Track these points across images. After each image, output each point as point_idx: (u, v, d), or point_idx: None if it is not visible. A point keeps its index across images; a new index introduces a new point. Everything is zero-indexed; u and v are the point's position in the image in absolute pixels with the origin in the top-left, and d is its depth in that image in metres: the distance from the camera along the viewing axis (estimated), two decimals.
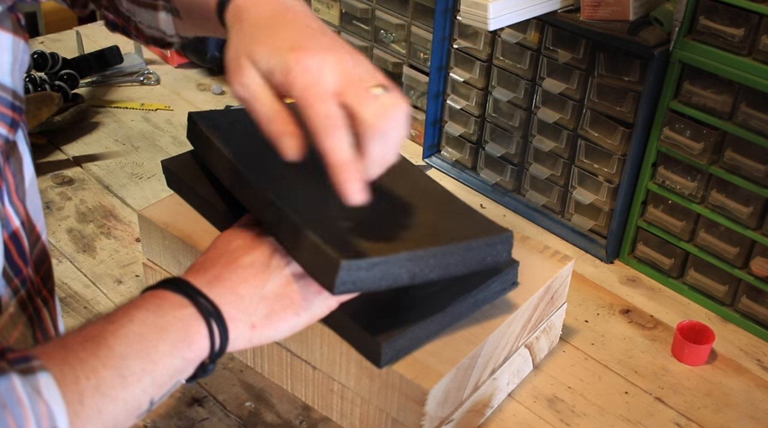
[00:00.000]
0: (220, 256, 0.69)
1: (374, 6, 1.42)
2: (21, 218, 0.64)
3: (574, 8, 1.11)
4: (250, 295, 0.66)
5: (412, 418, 0.81)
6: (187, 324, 0.61)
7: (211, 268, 0.67)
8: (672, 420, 0.94)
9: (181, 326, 0.61)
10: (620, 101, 1.10)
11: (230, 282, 0.66)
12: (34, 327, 0.68)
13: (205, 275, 0.66)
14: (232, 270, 0.67)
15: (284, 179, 0.78)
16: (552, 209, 1.27)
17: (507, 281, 0.88)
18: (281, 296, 0.68)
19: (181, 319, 0.61)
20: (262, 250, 0.70)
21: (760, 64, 0.95)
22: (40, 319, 0.69)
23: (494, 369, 0.90)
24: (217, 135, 0.87)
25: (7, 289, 0.63)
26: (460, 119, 1.35)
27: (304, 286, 0.70)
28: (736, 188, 1.03)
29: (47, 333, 0.70)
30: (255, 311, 0.66)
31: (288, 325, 0.68)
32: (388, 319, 0.79)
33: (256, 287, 0.67)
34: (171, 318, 0.61)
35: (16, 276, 0.64)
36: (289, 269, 0.70)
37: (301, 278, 0.70)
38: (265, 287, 0.68)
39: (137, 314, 0.60)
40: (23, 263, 0.65)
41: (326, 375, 0.87)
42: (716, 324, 1.09)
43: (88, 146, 1.40)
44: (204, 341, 0.62)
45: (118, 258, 1.15)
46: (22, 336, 0.66)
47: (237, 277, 0.67)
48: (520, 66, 1.21)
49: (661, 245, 1.14)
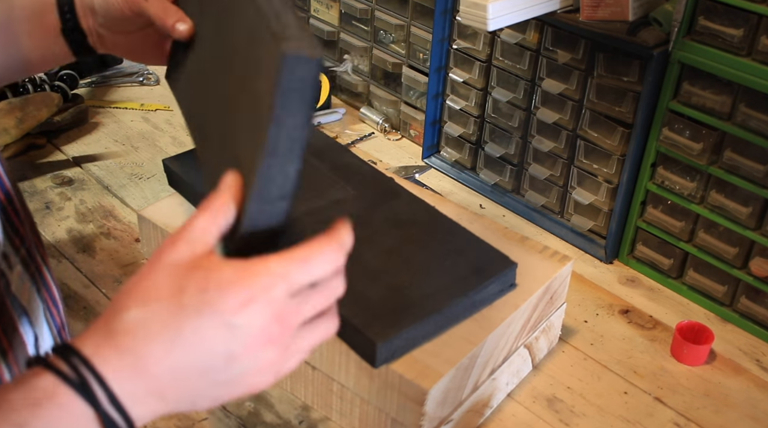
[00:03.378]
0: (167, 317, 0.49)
1: (374, 6, 1.42)
2: (9, 178, 0.65)
3: (573, 9, 1.11)
4: (191, 395, 0.50)
5: (412, 418, 0.81)
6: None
7: (155, 346, 0.48)
8: (671, 420, 0.94)
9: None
10: (619, 102, 1.10)
11: (170, 384, 0.49)
12: (38, 285, 0.68)
13: (140, 362, 0.48)
14: (182, 367, 0.49)
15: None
16: (551, 210, 1.27)
17: (505, 282, 0.89)
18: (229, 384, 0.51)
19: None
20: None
21: (759, 64, 0.95)
22: (42, 277, 0.69)
23: (493, 369, 0.90)
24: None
25: (11, 248, 0.63)
26: (459, 119, 1.35)
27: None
28: (736, 189, 1.03)
29: (51, 291, 0.70)
30: (184, 406, 0.51)
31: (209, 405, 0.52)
32: (384, 319, 0.79)
33: (208, 384, 0.50)
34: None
35: (15, 235, 0.64)
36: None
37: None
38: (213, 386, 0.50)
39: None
40: (19, 223, 0.65)
41: (326, 375, 0.87)
42: (715, 324, 1.09)
43: (88, 146, 1.40)
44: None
45: (118, 258, 1.15)
46: (31, 292, 0.66)
47: (184, 377, 0.49)
48: (519, 66, 1.21)
49: (660, 246, 1.15)
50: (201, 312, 0.48)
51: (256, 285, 0.49)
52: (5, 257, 0.62)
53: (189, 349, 0.48)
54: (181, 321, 0.48)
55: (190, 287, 0.49)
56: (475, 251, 0.90)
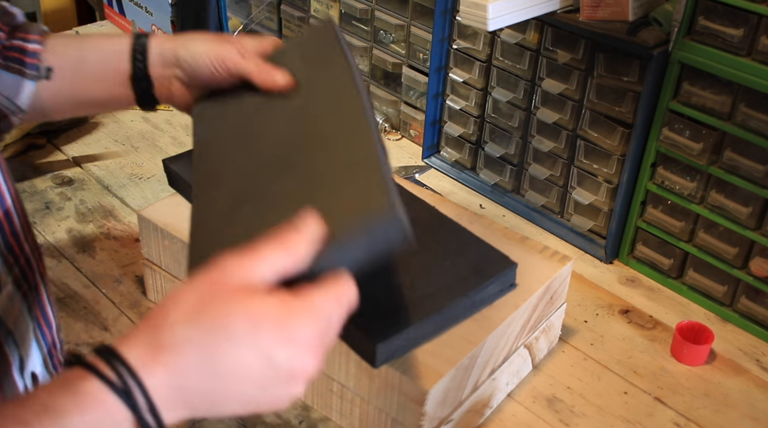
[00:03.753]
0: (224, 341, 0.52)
1: (374, 6, 1.42)
2: (12, 196, 0.65)
3: (573, 8, 1.11)
4: (218, 411, 0.53)
5: (412, 418, 0.81)
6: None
7: (201, 369, 0.51)
8: (671, 420, 0.94)
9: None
10: (619, 102, 1.10)
11: (203, 403, 0.52)
12: (30, 305, 0.68)
13: (184, 382, 0.51)
14: (220, 392, 0.52)
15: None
16: (551, 210, 1.27)
17: (505, 282, 0.89)
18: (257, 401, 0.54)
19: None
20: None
21: (760, 64, 0.95)
22: (38, 297, 0.69)
23: (493, 369, 0.90)
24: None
25: (4, 267, 0.63)
26: (459, 119, 1.35)
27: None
28: (736, 189, 1.03)
29: (45, 310, 0.70)
30: (202, 412, 0.53)
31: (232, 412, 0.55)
32: (384, 319, 0.79)
33: (237, 405, 0.53)
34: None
35: (9, 254, 0.64)
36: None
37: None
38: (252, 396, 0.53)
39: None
40: (15, 242, 0.65)
41: (326, 374, 0.87)
42: (715, 324, 1.09)
43: (88, 146, 1.40)
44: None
45: (118, 258, 1.15)
46: (21, 313, 0.66)
47: (219, 400, 0.52)
48: (519, 66, 1.21)
49: (660, 246, 1.15)
50: (247, 344, 0.51)
51: (300, 324, 0.53)
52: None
53: (229, 376, 0.51)
54: (227, 350, 0.51)
55: (241, 320, 0.52)
56: (475, 251, 0.90)
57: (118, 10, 1.76)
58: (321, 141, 0.70)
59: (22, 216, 0.67)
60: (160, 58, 0.83)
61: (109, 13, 1.81)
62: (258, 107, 0.81)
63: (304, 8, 1.56)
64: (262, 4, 1.65)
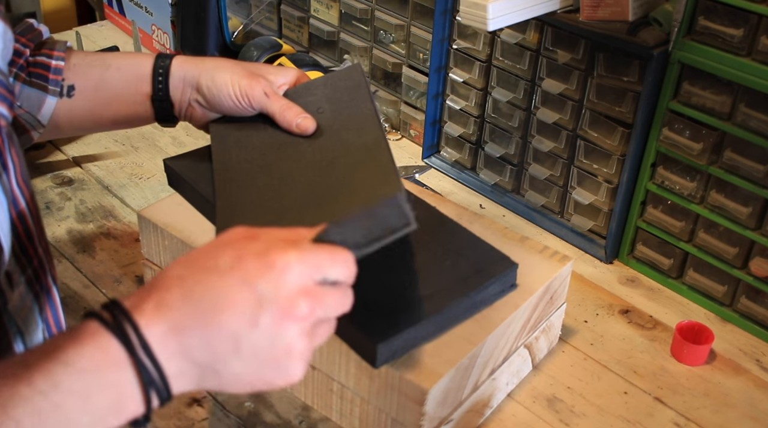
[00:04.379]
0: (212, 276, 0.53)
1: (374, 6, 1.42)
2: (26, 199, 0.65)
3: (573, 8, 1.11)
4: (215, 360, 0.53)
5: (412, 418, 0.81)
6: (121, 391, 0.51)
7: (187, 303, 0.52)
8: (671, 420, 0.94)
9: (114, 393, 0.50)
10: (619, 102, 1.10)
11: (197, 343, 0.52)
12: (42, 306, 0.69)
13: (172, 315, 0.51)
14: (209, 324, 0.51)
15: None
16: (551, 210, 1.27)
17: (506, 283, 0.89)
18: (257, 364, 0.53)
19: (116, 385, 0.50)
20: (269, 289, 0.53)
21: (760, 64, 0.95)
22: (50, 299, 0.70)
23: (493, 369, 0.90)
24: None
25: (17, 267, 0.64)
26: (459, 119, 1.35)
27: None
28: (736, 189, 1.03)
29: (57, 313, 0.71)
30: (209, 375, 0.53)
31: (242, 387, 0.55)
32: (384, 320, 0.79)
33: (231, 350, 0.52)
34: (104, 382, 0.50)
35: (23, 255, 0.65)
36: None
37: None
38: (243, 350, 0.52)
39: (64, 376, 0.49)
40: (29, 243, 0.66)
41: (325, 374, 0.88)
42: (715, 324, 1.09)
43: (88, 146, 1.40)
44: (138, 407, 0.52)
45: (118, 258, 1.15)
46: (31, 313, 0.67)
47: (210, 336, 0.52)
48: (519, 66, 1.21)
49: (660, 246, 1.15)
50: (231, 274, 0.52)
51: (282, 252, 0.53)
52: (8, 275, 0.63)
53: (217, 307, 0.51)
54: (212, 280, 0.52)
55: (228, 253, 0.53)
56: (475, 252, 0.90)
57: (118, 10, 1.76)
58: (349, 190, 0.73)
59: (36, 218, 0.68)
60: (182, 82, 0.84)
61: (109, 13, 1.81)
62: (283, 147, 0.84)
63: (304, 8, 1.56)
64: (262, 4, 1.65)
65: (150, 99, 0.85)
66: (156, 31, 1.63)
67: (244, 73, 0.84)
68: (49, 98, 0.81)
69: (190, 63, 0.85)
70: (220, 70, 0.83)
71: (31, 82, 0.80)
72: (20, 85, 0.80)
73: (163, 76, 0.84)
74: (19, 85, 0.80)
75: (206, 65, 0.84)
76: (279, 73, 0.88)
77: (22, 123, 0.81)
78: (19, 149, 0.66)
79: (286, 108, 0.83)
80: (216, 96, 0.83)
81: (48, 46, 0.83)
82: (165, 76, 0.84)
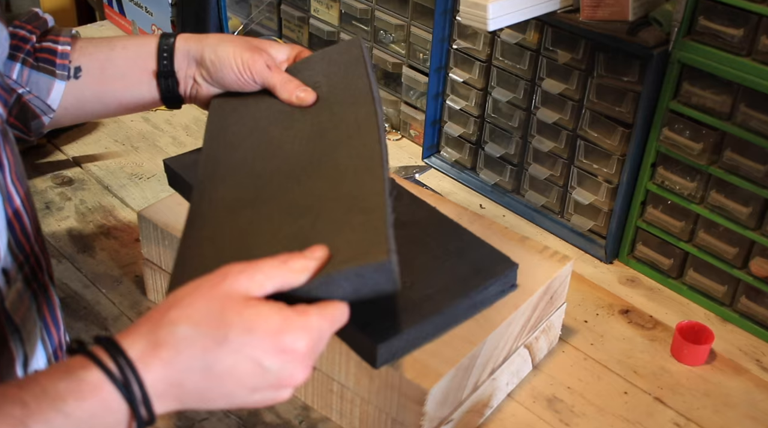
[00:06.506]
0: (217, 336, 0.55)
1: (374, 6, 1.42)
2: (21, 197, 0.66)
3: (573, 8, 1.11)
4: (205, 404, 0.57)
5: (412, 418, 0.81)
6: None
7: (194, 371, 0.54)
8: (671, 420, 0.94)
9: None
10: (619, 102, 1.10)
11: (193, 399, 0.55)
12: (39, 304, 0.69)
13: (177, 376, 0.54)
14: (210, 390, 0.55)
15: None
16: (551, 210, 1.27)
17: (506, 283, 0.89)
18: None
19: (108, 426, 0.53)
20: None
21: (760, 64, 0.95)
22: (47, 296, 0.70)
23: (493, 369, 0.90)
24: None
25: (14, 264, 0.64)
26: (459, 119, 1.35)
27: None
28: (736, 189, 1.03)
29: (54, 311, 0.71)
30: (191, 406, 0.56)
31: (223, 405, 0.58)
32: (384, 320, 0.79)
33: (224, 403, 0.56)
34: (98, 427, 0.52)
35: (20, 252, 0.65)
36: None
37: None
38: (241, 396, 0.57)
39: (56, 420, 0.50)
40: (25, 241, 0.66)
41: (326, 374, 0.88)
42: (715, 324, 1.09)
43: (88, 146, 1.40)
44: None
45: (118, 258, 1.15)
46: (29, 310, 0.67)
47: (208, 397, 0.55)
48: (519, 66, 1.21)
49: (660, 246, 1.15)
50: (241, 351, 0.54)
51: (294, 338, 0.56)
52: (5, 272, 0.63)
53: (222, 378, 0.54)
54: (222, 353, 0.54)
55: (238, 326, 0.54)
56: (475, 252, 0.90)
57: (118, 10, 1.76)
58: (333, 165, 0.73)
59: (32, 216, 0.68)
60: (186, 56, 0.85)
61: (109, 13, 1.81)
62: (277, 116, 0.83)
63: (304, 8, 1.56)
64: (262, 4, 1.65)
65: (155, 76, 0.85)
66: (156, 31, 1.63)
67: (246, 47, 0.84)
68: (58, 82, 0.82)
69: (194, 39, 0.86)
70: (223, 44, 0.84)
71: (39, 66, 0.81)
72: (28, 70, 0.81)
73: (168, 52, 0.84)
74: (27, 71, 0.81)
75: (209, 40, 0.85)
76: (281, 48, 0.89)
77: (32, 108, 0.82)
78: (14, 147, 0.67)
79: (287, 80, 0.84)
80: (219, 70, 0.84)
81: (54, 32, 0.84)
82: (170, 53, 0.85)
